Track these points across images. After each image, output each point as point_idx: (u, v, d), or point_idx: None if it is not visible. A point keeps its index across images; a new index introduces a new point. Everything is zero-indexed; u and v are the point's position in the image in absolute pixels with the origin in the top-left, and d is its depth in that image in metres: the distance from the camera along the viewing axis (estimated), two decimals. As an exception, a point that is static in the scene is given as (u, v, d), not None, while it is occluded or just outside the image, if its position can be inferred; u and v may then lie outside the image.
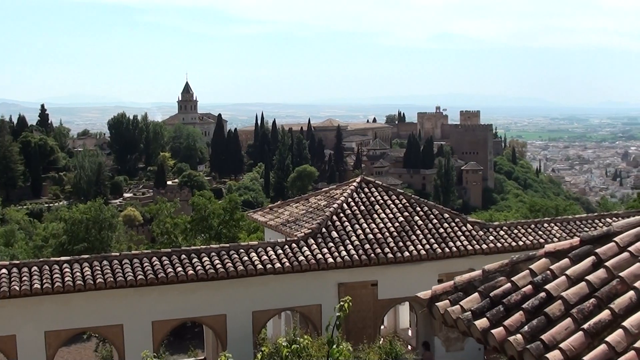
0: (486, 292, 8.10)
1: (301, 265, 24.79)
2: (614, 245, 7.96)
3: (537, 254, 8.43)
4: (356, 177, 32.50)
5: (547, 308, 7.38)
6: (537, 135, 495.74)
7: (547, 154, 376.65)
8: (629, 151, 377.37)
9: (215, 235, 67.33)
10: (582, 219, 32.54)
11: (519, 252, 24.52)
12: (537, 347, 6.88)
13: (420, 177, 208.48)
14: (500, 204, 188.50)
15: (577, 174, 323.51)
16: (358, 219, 27.91)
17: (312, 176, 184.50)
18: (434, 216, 28.88)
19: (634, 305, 6.89)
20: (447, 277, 23.20)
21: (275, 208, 33.72)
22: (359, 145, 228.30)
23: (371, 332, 26.08)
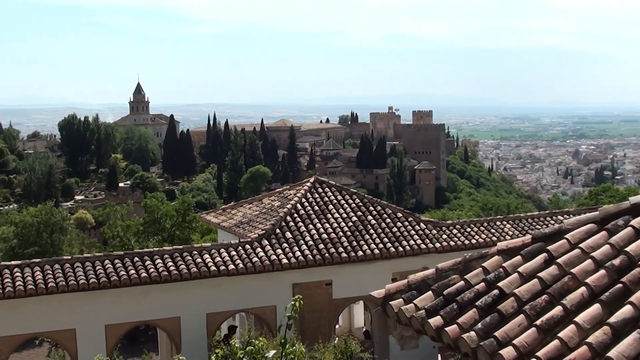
0: (439, 290, 8.14)
1: (255, 266, 24.72)
2: (566, 242, 8.04)
3: (489, 252, 8.49)
4: (310, 178, 32.52)
5: (500, 305, 7.44)
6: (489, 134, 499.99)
7: (499, 153, 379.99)
8: (579, 149, 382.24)
9: (168, 237, 66.78)
10: (534, 216, 32.87)
11: (472, 250, 24.66)
12: (490, 344, 6.92)
13: (373, 176, 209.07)
14: (453, 203, 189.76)
15: (528, 173, 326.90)
16: (312, 219, 27.91)
17: (266, 177, 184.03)
18: (387, 215, 28.99)
19: (586, 301, 6.96)
20: (400, 275, 23.30)
21: (228, 209, 33.62)
22: (312, 145, 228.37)
23: (326, 332, 26.08)
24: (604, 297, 6.85)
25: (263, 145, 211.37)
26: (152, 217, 69.80)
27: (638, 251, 7.33)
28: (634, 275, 6.99)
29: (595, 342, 6.31)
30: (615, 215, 8.17)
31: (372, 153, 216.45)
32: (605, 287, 7.03)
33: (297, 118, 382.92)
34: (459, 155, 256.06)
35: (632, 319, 6.42)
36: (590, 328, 6.56)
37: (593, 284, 7.12)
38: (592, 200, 68.96)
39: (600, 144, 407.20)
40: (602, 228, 8.05)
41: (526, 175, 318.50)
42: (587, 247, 7.78)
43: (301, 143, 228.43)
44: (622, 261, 7.27)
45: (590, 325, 6.59)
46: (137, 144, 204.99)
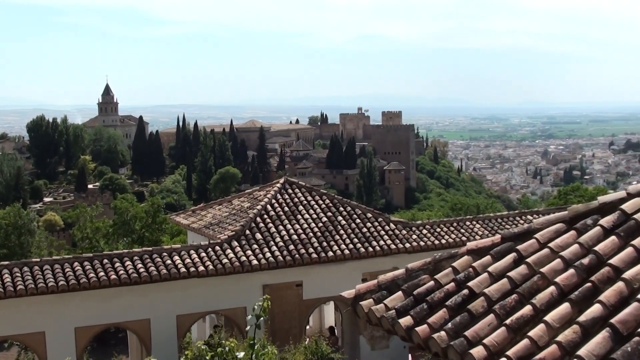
0: (410, 290, 8.14)
1: (225, 267, 24.64)
2: (535, 241, 8.08)
3: (459, 252, 8.51)
4: (279, 178, 32.46)
5: (470, 305, 7.46)
6: (459, 134, 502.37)
7: (469, 153, 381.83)
8: (548, 150, 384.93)
9: (137, 239, 66.47)
10: (504, 216, 33.06)
11: (442, 250, 24.75)
12: (460, 344, 6.94)
13: (343, 177, 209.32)
14: (423, 203, 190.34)
15: (498, 173, 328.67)
16: (282, 220, 27.87)
17: (235, 178, 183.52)
18: (357, 216, 29.01)
19: (555, 300, 6.99)
20: (371, 276, 23.30)
21: (198, 210, 33.50)
22: (282, 146, 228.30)
23: (297, 333, 26.07)
24: (573, 296, 6.88)
25: (232, 146, 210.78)
26: (121, 219, 69.48)
27: (607, 250, 7.37)
28: (602, 274, 7.03)
29: (565, 341, 6.34)
30: (584, 214, 8.21)
31: (342, 154, 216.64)
32: (574, 286, 7.06)
33: (267, 119, 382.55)
34: (428, 155, 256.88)
35: (601, 317, 6.45)
36: (560, 327, 6.58)
37: (562, 283, 7.15)
38: (561, 200, 69.46)
39: (569, 144, 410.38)
40: (571, 227, 8.10)
41: (495, 175, 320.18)
42: (556, 247, 7.82)
43: (271, 144, 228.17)
44: (591, 260, 7.31)
45: (560, 324, 6.62)
46: (106, 145, 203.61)
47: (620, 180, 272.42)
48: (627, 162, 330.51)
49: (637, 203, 7.95)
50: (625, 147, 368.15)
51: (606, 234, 7.70)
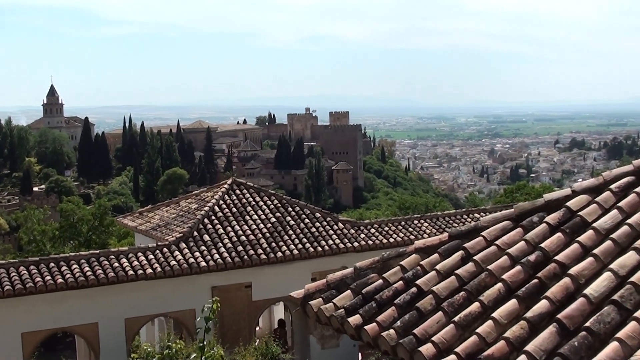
0: (358, 289, 8.15)
1: (173, 269, 24.48)
2: (482, 239, 8.14)
3: (407, 250, 8.54)
4: (227, 179, 32.34)
5: (418, 303, 7.49)
6: (406, 134, 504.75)
7: (416, 152, 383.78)
8: (494, 148, 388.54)
9: (84, 242, 65.67)
10: (451, 215, 33.32)
11: (390, 249, 24.86)
12: (409, 341, 6.96)
13: (292, 177, 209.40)
14: (371, 203, 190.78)
15: (445, 172, 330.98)
16: (230, 221, 27.77)
17: (183, 179, 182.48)
18: (306, 216, 29.03)
19: (503, 297, 7.05)
20: (320, 275, 23.32)
21: (145, 212, 33.22)
22: (230, 146, 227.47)
23: (246, 334, 26.00)
24: (520, 293, 6.95)
25: (180, 147, 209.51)
26: (68, 222, 68.60)
27: (553, 247, 7.45)
28: (549, 270, 7.11)
29: (513, 336, 6.39)
30: (530, 212, 8.30)
31: (290, 154, 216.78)
32: (521, 283, 7.13)
33: (214, 119, 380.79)
34: (376, 155, 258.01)
35: (548, 313, 6.52)
36: (508, 323, 6.64)
37: (509, 279, 7.22)
38: (508, 197, 70.01)
39: (515, 142, 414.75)
40: (518, 225, 8.17)
41: (443, 174, 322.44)
42: (503, 244, 7.89)
43: (218, 144, 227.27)
44: (537, 257, 7.38)
45: (508, 320, 6.68)
46: (51, 147, 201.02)
47: (565, 178, 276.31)
48: (572, 160, 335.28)
49: (582, 200, 8.05)
50: (570, 146, 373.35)
51: (552, 231, 7.78)
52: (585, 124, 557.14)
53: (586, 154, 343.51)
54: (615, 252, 7.04)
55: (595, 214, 7.77)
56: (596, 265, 6.94)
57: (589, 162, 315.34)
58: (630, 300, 6.24)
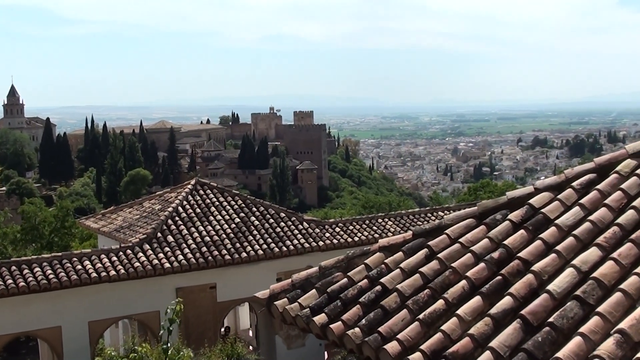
0: (323, 288, 8.16)
1: (137, 271, 24.34)
2: (446, 237, 8.18)
3: (371, 249, 8.56)
4: (191, 180, 32.22)
5: (383, 301, 7.50)
6: (370, 133, 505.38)
7: (380, 151, 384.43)
8: (458, 147, 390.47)
9: (46, 244, 64.97)
10: (415, 213, 33.50)
11: (355, 247, 24.93)
12: (375, 339, 6.97)
13: (256, 177, 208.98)
14: (336, 202, 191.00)
15: (409, 170, 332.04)
16: (194, 222, 27.66)
17: (146, 180, 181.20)
18: (270, 216, 29.01)
19: (467, 294, 7.09)
20: (285, 275, 23.30)
21: (108, 214, 32.99)
22: (193, 147, 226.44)
23: (211, 335, 25.93)
24: (484, 290, 6.99)
25: (143, 148, 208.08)
26: (29, 224, 67.81)
27: (516, 244, 7.50)
28: (512, 267, 7.15)
29: (477, 333, 6.42)
30: (493, 209, 8.35)
31: (254, 154, 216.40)
32: (485, 280, 7.17)
33: (177, 119, 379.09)
34: (340, 154, 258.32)
35: (512, 309, 6.56)
36: (472, 320, 6.67)
37: (473, 277, 7.25)
38: (472, 196, 70.46)
39: (479, 141, 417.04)
40: (481, 222, 8.22)
41: (407, 173, 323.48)
42: (466, 242, 7.93)
43: (181, 145, 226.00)
44: (500, 254, 7.43)
45: (472, 317, 6.71)
46: (12, 148, 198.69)
47: (528, 176, 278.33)
48: (534, 158, 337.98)
49: (544, 198, 8.12)
50: (532, 144, 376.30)
51: (515, 228, 7.84)
52: (548, 122, 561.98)
53: (548, 152, 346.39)
54: (577, 248, 7.10)
55: (558, 211, 7.83)
56: (559, 261, 7.00)
57: (552, 160, 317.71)
58: (592, 295, 6.29)
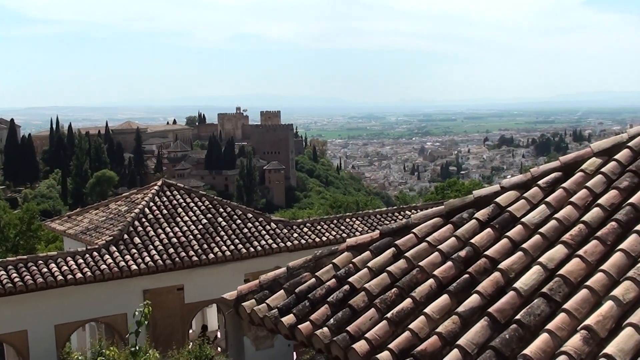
0: (291, 288, 8.15)
1: (104, 273, 24.18)
2: (413, 236, 8.20)
3: (339, 249, 8.57)
4: (157, 181, 32.09)
5: (351, 300, 7.51)
6: (337, 133, 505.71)
7: (347, 151, 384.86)
8: (425, 146, 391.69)
9: (12, 247, 64.45)
10: (383, 212, 33.61)
11: (323, 247, 24.95)
12: (343, 339, 6.97)
13: (223, 178, 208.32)
14: (303, 202, 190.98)
15: (376, 170, 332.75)
16: (161, 223, 27.55)
17: (112, 181, 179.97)
18: (238, 217, 28.96)
19: (434, 292, 7.11)
20: (253, 276, 23.26)
21: (74, 216, 32.75)
22: (160, 147, 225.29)
23: (180, 338, 25.83)
24: (451, 288, 7.01)
25: (109, 149, 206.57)
26: (-6, 227, 67.25)
27: (483, 242, 7.54)
28: (479, 265, 7.19)
29: (445, 331, 6.45)
30: (460, 208, 8.39)
31: (221, 154, 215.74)
32: (452, 278, 7.20)
33: (144, 120, 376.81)
34: (307, 154, 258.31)
35: (479, 307, 6.59)
36: (440, 318, 6.70)
37: (441, 275, 7.28)
38: (439, 195, 70.82)
39: (445, 140, 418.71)
40: (448, 221, 8.26)
41: (374, 172, 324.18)
42: (433, 241, 7.96)
43: (148, 145, 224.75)
44: (467, 252, 7.46)
45: (440, 315, 6.73)
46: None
47: (495, 175, 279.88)
48: (501, 157, 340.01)
49: (510, 196, 8.17)
50: (499, 143, 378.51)
51: (482, 226, 7.88)
52: (514, 121, 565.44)
53: (515, 150, 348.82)
54: (543, 246, 7.15)
55: (524, 209, 7.89)
56: (525, 259, 7.04)
57: (518, 159, 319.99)
58: (559, 292, 6.34)
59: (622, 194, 7.43)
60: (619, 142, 8.32)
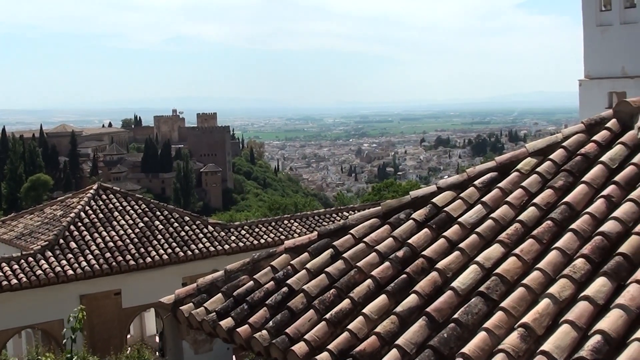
0: (229, 291, 8.12)
1: (39, 279, 23.85)
2: (351, 237, 8.22)
3: (277, 251, 8.57)
4: (93, 184, 31.74)
5: (289, 302, 7.51)
6: (274, 135, 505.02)
7: (285, 153, 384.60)
8: (362, 148, 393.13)
9: (-57, 253, 63.12)
10: (321, 214, 33.72)
11: (261, 250, 24.91)
12: (282, 341, 6.96)
13: (160, 181, 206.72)
14: (241, 204, 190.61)
15: (314, 172, 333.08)
16: (97, 227, 27.24)
17: (47, 185, 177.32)
18: (175, 220, 28.79)
19: (372, 292, 7.13)
20: (191, 279, 23.14)
21: (8, 221, 32.20)
22: (95, 150, 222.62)
23: (118, 342, 25.58)
24: (389, 288, 7.04)
25: (43, 153, 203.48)
26: None
27: (420, 243, 7.59)
28: (417, 265, 7.23)
29: (384, 331, 6.47)
30: (397, 209, 8.43)
31: (158, 157, 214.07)
32: (390, 279, 7.23)
33: (79, 123, 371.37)
34: (244, 156, 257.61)
35: (417, 307, 6.63)
36: (378, 318, 6.72)
37: (378, 276, 7.31)
38: (376, 195, 71.14)
39: (382, 141, 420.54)
40: (385, 222, 8.29)
41: (312, 174, 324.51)
42: (371, 241, 7.99)
43: (83, 149, 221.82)
44: (405, 253, 7.50)
45: (378, 315, 6.76)
46: None
47: (432, 175, 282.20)
48: (437, 158, 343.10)
49: (447, 196, 8.24)
50: (435, 144, 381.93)
51: (419, 227, 7.93)
52: (450, 122, 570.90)
53: (451, 151, 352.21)
54: (480, 245, 7.22)
55: (460, 209, 7.96)
56: (462, 258, 7.11)
57: (454, 159, 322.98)
58: (496, 291, 6.40)
59: (557, 193, 7.53)
60: (553, 142, 8.44)
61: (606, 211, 6.90)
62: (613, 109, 8.49)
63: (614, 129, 8.19)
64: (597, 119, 8.50)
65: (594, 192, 7.32)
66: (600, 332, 5.43)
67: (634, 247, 6.21)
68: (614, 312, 5.59)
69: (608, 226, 6.58)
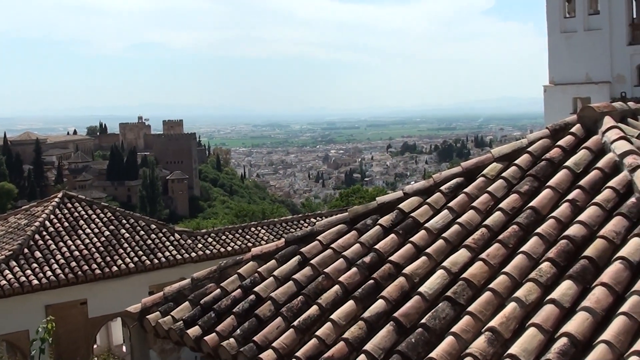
0: (196, 299, 8.09)
1: (4, 289, 23.60)
2: (318, 243, 8.23)
3: (244, 258, 8.56)
4: (58, 193, 31.49)
5: (257, 310, 7.49)
6: (241, 142, 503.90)
7: (252, 160, 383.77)
8: (329, 154, 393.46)
9: None
10: (288, 220, 33.69)
11: (228, 257, 24.84)
12: (250, 349, 6.95)
13: (125, 188, 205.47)
14: (208, 212, 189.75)
15: (281, 178, 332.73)
16: (62, 236, 27.01)
17: (11, 194, 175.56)
18: (141, 228, 28.63)
19: (340, 298, 7.14)
20: (158, 288, 22.92)
21: (-29, 230, 31.81)
22: (60, 158, 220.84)
23: (84, 353, 25.37)
24: (357, 294, 7.05)
25: (7, 161, 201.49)
26: None
27: (387, 248, 7.61)
28: (384, 271, 7.24)
29: (352, 337, 6.47)
30: (364, 215, 8.45)
31: (123, 164, 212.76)
32: (357, 284, 7.24)
33: (43, 130, 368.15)
34: (211, 163, 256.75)
35: (385, 312, 6.64)
36: (346, 324, 6.73)
37: (346, 282, 7.31)
38: (343, 201, 71.21)
39: (349, 148, 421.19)
40: (352, 228, 8.30)
41: (279, 180, 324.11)
42: (338, 247, 7.99)
43: (48, 157, 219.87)
44: (372, 258, 7.52)
45: (346, 321, 6.76)
46: None
47: (398, 181, 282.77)
48: (404, 164, 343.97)
49: (413, 202, 8.27)
50: (402, 150, 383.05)
51: (386, 232, 7.95)
52: (417, 128, 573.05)
53: (417, 157, 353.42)
54: (447, 250, 7.25)
55: (427, 214, 7.99)
56: (429, 263, 7.13)
57: (421, 165, 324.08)
58: (463, 295, 6.43)
59: (522, 197, 7.59)
60: (519, 148, 8.51)
61: (571, 215, 6.95)
62: (577, 114, 8.57)
63: (578, 134, 8.27)
64: (562, 124, 8.57)
65: (559, 196, 7.37)
66: (566, 334, 5.46)
67: (599, 251, 6.26)
68: (580, 315, 5.64)
69: (573, 230, 6.63)
